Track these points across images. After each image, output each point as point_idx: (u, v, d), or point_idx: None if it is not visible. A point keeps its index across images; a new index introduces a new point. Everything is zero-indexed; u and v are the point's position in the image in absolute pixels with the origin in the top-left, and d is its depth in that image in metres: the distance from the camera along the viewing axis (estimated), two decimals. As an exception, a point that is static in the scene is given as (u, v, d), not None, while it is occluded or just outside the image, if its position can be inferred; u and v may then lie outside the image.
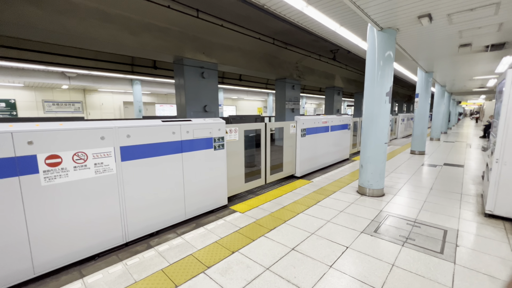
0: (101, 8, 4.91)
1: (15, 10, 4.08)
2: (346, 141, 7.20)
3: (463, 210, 3.46)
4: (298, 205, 3.64)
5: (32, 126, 2.01)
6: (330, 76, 12.76)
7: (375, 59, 3.79)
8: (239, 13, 5.99)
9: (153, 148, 2.75)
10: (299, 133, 5.12)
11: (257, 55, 8.54)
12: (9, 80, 11.26)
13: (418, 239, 2.67)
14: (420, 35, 4.27)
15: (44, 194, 2.07)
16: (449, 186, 4.53)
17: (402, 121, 13.07)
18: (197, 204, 3.31)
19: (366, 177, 4.05)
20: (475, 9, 3.20)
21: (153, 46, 5.79)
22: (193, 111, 6.92)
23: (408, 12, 3.30)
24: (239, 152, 3.98)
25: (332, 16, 3.76)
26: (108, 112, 16.68)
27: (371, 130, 3.94)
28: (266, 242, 2.63)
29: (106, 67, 9.18)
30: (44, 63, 8.04)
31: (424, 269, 2.17)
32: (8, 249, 1.94)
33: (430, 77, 7.84)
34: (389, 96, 3.83)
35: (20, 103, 13.34)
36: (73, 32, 4.66)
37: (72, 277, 2.14)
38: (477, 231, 2.87)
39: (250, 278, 2.07)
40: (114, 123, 2.45)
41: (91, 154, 2.29)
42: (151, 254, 2.44)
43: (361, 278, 2.06)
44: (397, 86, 18.16)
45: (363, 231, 2.86)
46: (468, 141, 10.84)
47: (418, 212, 3.40)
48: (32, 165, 1.99)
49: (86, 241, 2.34)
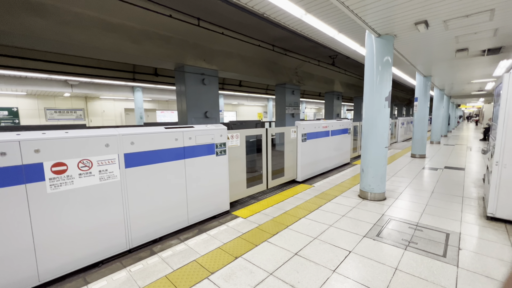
0: (103, 17, 5.02)
1: (20, 21, 4.18)
2: (347, 146, 7.23)
3: (465, 213, 3.47)
4: (300, 210, 3.65)
5: (39, 135, 2.05)
6: (329, 81, 12.88)
7: (373, 65, 3.86)
8: (239, 21, 6.11)
9: (156, 154, 2.79)
10: (299, 138, 5.16)
11: (257, 62, 8.66)
12: (12, 88, 11.39)
13: (420, 243, 2.68)
14: (417, 40, 4.35)
15: (49, 202, 2.10)
16: (450, 189, 4.54)
17: (402, 125, 13.12)
18: (199, 210, 3.32)
19: (367, 181, 4.06)
20: (471, 15, 3.28)
21: (155, 54, 5.89)
22: (194, 117, 6.98)
23: (404, 19, 3.37)
24: (241, 158, 4.01)
25: (330, 23, 3.84)
26: (110, 119, 16.79)
27: (371, 134, 3.98)
28: (269, 247, 2.64)
29: (108, 75, 9.30)
30: (47, 72, 8.16)
31: (427, 273, 2.18)
32: (14, 257, 1.96)
33: (429, 81, 7.91)
34: (388, 101, 3.88)
35: (22, 111, 13.46)
36: (76, 42, 4.76)
37: (76, 284, 2.15)
38: (479, 234, 2.87)
39: (254, 283, 2.08)
40: (118, 131, 2.50)
41: (95, 161, 2.33)
42: (154, 260, 2.44)
43: (365, 282, 2.06)
44: (396, 90, 18.29)
45: (365, 235, 2.86)
46: (468, 144, 10.86)
47: (420, 215, 3.40)
48: (38, 173, 2.03)
49: (90, 248, 2.36)
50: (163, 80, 10.57)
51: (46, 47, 5.02)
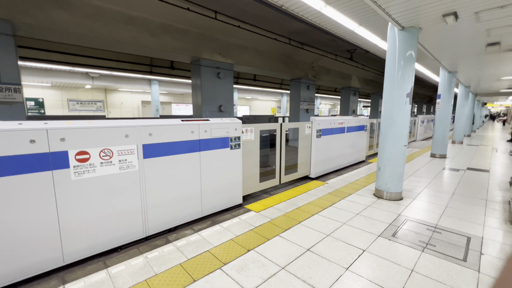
0: (124, 11, 5.12)
1: (47, 15, 4.35)
2: (363, 143, 7.05)
3: (488, 217, 3.30)
4: (313, 206, 3.63)
5: (64, 124, 2.15)
6: (346, 76, 12.52)
7: (395, 59, 3.70)
8: (256, 13, 6.04)
9: (173, 146, 2.85)
10: (314, 133, 5.08)
11: (273, 55, 8.55)
12: (38, 80, 11.98)
13: (439, 245, 2.58)
14: (444, 34, 4.11)
15: (74, 188, 2.21)
16: (473, 191, 4.33)
17: (422, 123, 12.58)
18: (213, 202, 3.38)
19: (383, 180, 3.95)
20: (506, 6, 3.04)
21: (172, 47, 5.96)
22: (208, 111, 7.05)
23: (432, 11, 3.19)
24: (255, 152, 4.02)
25: (351, 16, 3.70)
26: (127, 111, 17.31)
27: (390, 131, 3.85)
28: (281, 242, 2.65)
29: (126, 68, 9.55)
30: (69, 64, 8.51)
31: (446, 276, 2.10)
32: (42, 238, 2.09)
33: (454, 77, 7.49)
34: (409, 97, 3.72)
35: (47, 101, 14.16)
36: (99, 35, 4.90)
37: (97, 267, 2.27)
38: (503, 239, 2.73)
39: (266, 276, 2.10)
40: (137, 122, 2.57)
41: (116, 151, 2.41)
42: (169, 248, 2.52)
43: (379, 282, 2.03)
44: (417, 86, 17.49)
45: (380, 235, 2.80)
46: (494, 145, 10.25)
47: (439, 217, 3.28)
48: (64, 160, 2.13)
49: (110, 234, 2.47)
50: (179, 73, 10.72)
51: (70, 40, 5.21)
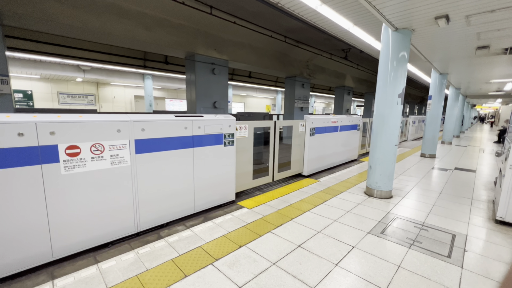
0: (118, 3, 5.01)
1: (37, 5, 4.22)
2: (355, 142, 7.14)
3: (473, 215, 3.41)
4: (305, 204, 3.67)
5: (54, 117, 2.10)
6: (340, 75, 12.62)
7: (388, 60, 3.75)
8: (252, 10, 6.00)
9: (166, 142, 2.83)
10: (308, 132, 5.13)
11: (268, 53, 8.54)
12: (27, 71, 11.63)
13: (425, 242, 2.66)
14: (436, 36, 4.19)
15: (63, 182, 2.17)
16: (459, 191, 4.46)
17: (413, 123, 12.82)
18: (206, 198, 3.38)
19: (374, 178, 4.03)
20: (495, 10, 3.12)
21: (167, 42, 5.88)
22: (203, 107, 7.00)
23: (425, 12, 3.24)
24: (248, 149, 4.03)
25: (346, 15, 3.72)
26: (120, 105, 17.02)
27: (382, 131, 3.91)
28: (273, 238, 2.68)
29: (119, 61, 9.37)
30: (60, 56, 8.28)
31: (431, 272, 2.17)
32: (31, 233, 2.06)
33: (445, 79, 7.65)
34: (401, 98, 3.79)
35: (36, 94, 13.77)
36: (90, 27, 4.79)
37: (87, 262, 2.25)
38: (486, 237, 2.83)
39: (257, 272, 2.13)
40: (129, 117, 2.53)
41: (107, 146, 2.38)
42: (161, 244, 2.52)
43: (367, 278, 2.08)
44: (409, 87, 17.79)
45: (369, 232, 2.87)
46: (481, 146, 10.56)
47: (426, 215, 3.37)
48: (53, 154, 2.09)
49: (101, 229, 2.45)
50: (173, 68, 10.58)
51: (61, 31, 5.07)
